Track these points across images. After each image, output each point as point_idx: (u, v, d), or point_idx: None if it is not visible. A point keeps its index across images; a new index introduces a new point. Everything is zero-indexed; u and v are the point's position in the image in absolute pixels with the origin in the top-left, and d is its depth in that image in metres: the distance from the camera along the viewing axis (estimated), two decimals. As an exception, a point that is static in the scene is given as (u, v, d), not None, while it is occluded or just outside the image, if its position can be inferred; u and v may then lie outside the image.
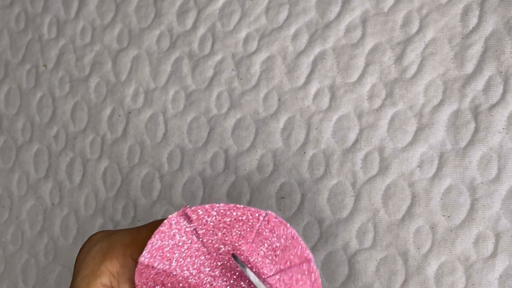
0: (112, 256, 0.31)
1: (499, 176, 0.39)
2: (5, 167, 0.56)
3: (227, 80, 0.47)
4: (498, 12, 0.40)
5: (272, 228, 0.32)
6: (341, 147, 0.43)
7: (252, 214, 0.32)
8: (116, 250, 0.31)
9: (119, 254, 0.31)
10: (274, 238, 0.32)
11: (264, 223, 0.32)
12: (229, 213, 0.32)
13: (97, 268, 0.30)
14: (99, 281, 0.30)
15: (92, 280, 0.30)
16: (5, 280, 0.54)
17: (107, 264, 0.31)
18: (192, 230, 0.32)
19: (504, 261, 0.38)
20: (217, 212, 0.32)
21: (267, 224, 0.32)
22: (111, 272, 0.30)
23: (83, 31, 0.54)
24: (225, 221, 0.32)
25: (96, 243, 0.32)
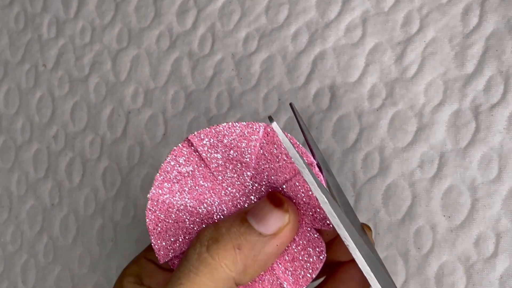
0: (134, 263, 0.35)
1: (499, 176, 0.39)
2: (5, 167, 0.56)
3: (227, 80, 0.47)
4: (499, 11, 0.40)
5: (271, 138, 0.32)
6: (341, 147, 0.43)
7: (250, 128, 0.32)
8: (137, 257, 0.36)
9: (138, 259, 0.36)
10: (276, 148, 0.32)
11: (265, 135, 0.32)
12: (229, 132, 0.32)
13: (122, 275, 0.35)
14: (126, 280, 0.34)
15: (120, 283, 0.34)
16: (4, 280, 0.54)
17: (129, 269, 0.35)
18: (197, 158, 0.33)
19: (505, 261, 0.38)
20: (218, 133, 0.32)
21: (266, 136, 0.32)
22: (134, 274, 0.35)
23: (83, 30, 0.54)
24: (228, 140, 0.32)
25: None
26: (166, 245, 0.33)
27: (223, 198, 0.33)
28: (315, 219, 0.32)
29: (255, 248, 0.30)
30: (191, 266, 0.30)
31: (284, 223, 0.30)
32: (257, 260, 0.30)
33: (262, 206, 0.31)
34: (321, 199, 0.29)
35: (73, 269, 0.51)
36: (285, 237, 0.31)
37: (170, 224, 0.33)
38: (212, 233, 0.30)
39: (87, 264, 0.51)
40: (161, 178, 0.33)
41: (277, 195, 0.31)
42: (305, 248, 0.32)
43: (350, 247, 0.29)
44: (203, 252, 0.30)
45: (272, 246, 0.30)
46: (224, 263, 0.29)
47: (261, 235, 0.30)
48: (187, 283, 0.29)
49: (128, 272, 0.35)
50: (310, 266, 0.32)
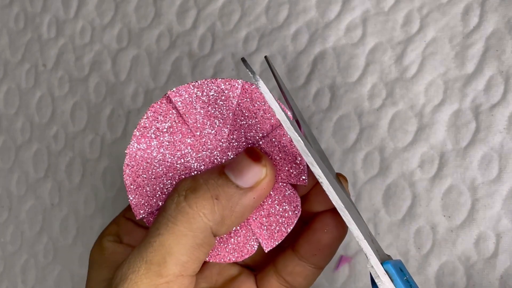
0: (113, 222, 0.36)
1: (500, 176, 0.39)
2: (4, 167, 0.56)
3: (227, 80, 0.47)
4: (499, 11, 0.40)
5: (250, 95, 0.33)
6: (342, 147, 0.43)
7: (229, 85, 0.33)
8: (116, 217, 0.36)
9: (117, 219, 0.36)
10: (253, 104, 0.33)
11: (243, 91, 0.33)
12: (208, 88, 0.33)
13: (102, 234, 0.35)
14: (105, 239, 0.34)
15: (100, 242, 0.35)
16: (4, 280, 0.54)
17: (109, 229, 0.35)
18: (175, 114, 0.33)
19: (505, 261, 0.38)
20: (196, 89, 0.33)
21: (244, 93, 0.33)
22: (113, 233, 0.35)
23: (83, 30, 0.54)
24: (207, 96, 0.33)
25: None
26: (142, 201, 0.33)
27: (201, 154, 0.33)
28: (290, 175, 0.32)
29: (233, 200, 0.30)
30: (169, 216, 0.30)
31: (261, 177, 0.31)
32: (234, 211, 0.30)
33: (240, 160, 0.31)
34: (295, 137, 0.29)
35: (73, 269, 0.51)
36: (262, 190, 0.31)
37: (148, 180, 0.33)
38: (190, 184, 0.31)
39: (87, 264, 0.51)
40: (139, 133, 0.33)
41: (255, 149, 0.32)
42: (280, 203, 0.32)
43: (324, 184, 0.29)
44: (181, 201, 0.30)
45: (249, 199, 0.31)
46: (202, 212, 0.30)
47: (238, 188, 0.30)
48: (165, 233, 0.30)
49: (107, 232, 0.35)
50: (285, 221, 0.32)
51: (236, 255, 0.33)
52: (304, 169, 0.32)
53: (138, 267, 0.29)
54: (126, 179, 0.33)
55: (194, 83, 0.33)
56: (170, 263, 0.29)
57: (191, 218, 0.30)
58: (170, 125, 0.33)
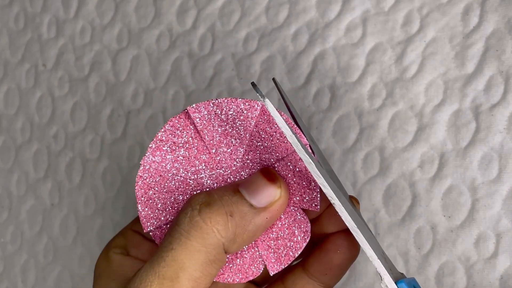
0: (119, 235, 0.35)
1: (500, 176, 0.39)
2: (4, 167, 0.56)
3: (227, 80, 0.47)
4: (499, 11, 0.40)
5: (268, 117, 0.32)
6: (342, 147, 0.43)
7: (249, 105, 0.32)
8: (122, 229, 0.36)
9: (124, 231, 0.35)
10: (271, 127, 0.33)
11: (262, 113, 0.32)
12: (227, 107, 0.33)
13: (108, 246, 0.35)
14: (112, 252, 0.34)
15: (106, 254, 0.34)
16: (4, 280, 0.54)
17: (115, 241, 0.35)
18: (192, 130, 0.33)
19: (505, 261, 0.38)
20: (216, 107, 0.32)
21: (263, 115, 0.32)
22: (120, 245, 0.35)
23: (83, 30, 0.54)
24: (226, 115, 0.33)
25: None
26: (152, 214, 0.33)
27: (215, 172, 0.33)
28: (303, 200, 0.32)
29: (246, 218, 0.30)
30: (182, 230, 0.29)
31: (276, 198, 0.31)
32: (247, 230, 0.30)
33: (255, 179, 0.31)
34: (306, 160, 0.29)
35: (73, 269, 0.51)
36: (275, 212, 0.31)
37: (159, 193, 0.33)
38: (204, 198, 0.30)
39: (87, 264, 0.51)
40: (155, 146, 0.33)
41: (271, 170, 0.32)
42: (290, 227, 0.32)
43: (336, 205, 0.29)
44: (195, 215, 0.30)
45: (262, 218, 0.31)
46: (215, 228, 0.29)
47: (252, 207, 0.30)
48: (178, 248, 0.29)
49: (113, 244, 0.35)
50: (294, 246, 0.32)
51: (241, 276, 0.32)
52: (317, 196, 0.32)
53: (151, 281, 0.29)
54: (137, 190, 0.33)
55: (214, 101, 0.32)
56: (183, 278, 0.29)
57: (204, 233, 0.29)
58: (187, 141, 0.33)
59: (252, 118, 0.32)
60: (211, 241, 0.29)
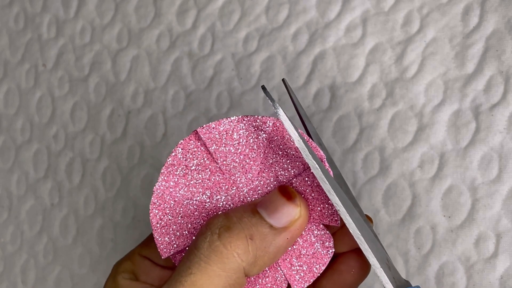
0: (123, 260, 0.34)
1: (500, 176, 0.39)
2: (4, 167, 0.56)
3: (227, 80, 0.47)
4: (499, 11, 0.40)
5: (281, 133, 0.31)
6: (342, 147, 0.43)
7: (260, 122, 0.31)
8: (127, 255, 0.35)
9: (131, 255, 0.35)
10: (285, 142, 0.31)
11: (274, 129, 0.31)
12: (238, 126, 0.32)
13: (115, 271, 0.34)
14: (121, 277, 0.33)
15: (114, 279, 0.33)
16: (4, 280, 0.54)
17: (123, 266, 0.34)
18: (204, 151, 0.32)
19: (505, 261, 0.38)
20: (225, 128, 0.32)
21: (275, 130, 0.31)
22: (128, 270, 0.34)
23: (83, 30, 0.53)
24: (237, 133, 0.32)
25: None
26: (169, 240, 0.32)
27: (230, 192, 0.32)
28: (323, 215, 0.31)
29: (266, 240, 0.30)
30: (201, 255, 0.29)
31: (296, 217, 0.30)
32: (268, 252, 0.30)
33: (273, 198, 0.30)
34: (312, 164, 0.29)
35: (73, 269, 0.51)
36: (296, 231, 0.30)
37: (175, 218, 0.32)
38: (223, 221, 0.30)
39: (87, 264, 0.51)
40: (167, 171, 0.32)
41: (289, 188, 0.31)
42: (312, 244, 0.32)
43: (341, 212, 0.29)
44: (215, 240, 0.29)
45: (282, 239, 0.30)
46: (236, 252, 0.29)
47: (272, 227, 0.30)
48: (197, 273, 0.29)
49: (121, 269, 0.34)
50: (317, 262, 0.32)
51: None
52: (337, 211, 0.31)
53: None
54: (152, 218, 0.32)
55: (224, 120, 0.32)
56: None
57: (225, 258, 0.29)
58: (199, 163, 0.32)
59: (264, 135, 0.32)
60: (231, 265, 0.29)
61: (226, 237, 0.29)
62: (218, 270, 0.29)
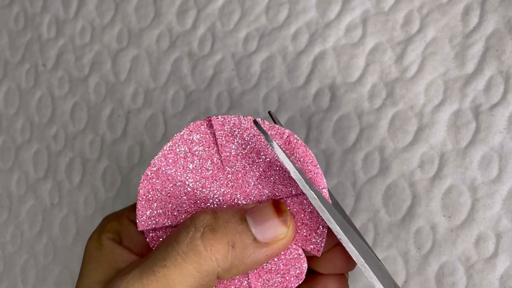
0: (112, 219, 0.34)
1: (500, 176, 0.39)
2: (4, 167, 0.56)
3: (227, 80, 0.47)
4: (499, 11, 0.40)
5: (292, 149, 0.31)
6: (341, 147, 0.43)
7: (274, 131, 0.31)
8: (114, 214, 0.35)
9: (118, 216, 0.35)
10: (293, 159, 0.31)
11: (286, 143, 0.31)
12: (252, 127, 0.31)
13: (102, 229, 0.34)
14: (105, 236, 0.33)
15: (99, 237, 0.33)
16: (4, 280, 0.54)
17: (110, 225, 0.34)
18: (211, 141, 0.32)
19: (505, 261, 0.38)
20: (241, 125, 0.31)
21: (287, 145, 0.31)
22: (114, 231, 0.34)
23: (83, 30, 0.54)
24: (248, 135, 0.31)
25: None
26: (149, 215, 0.32)
27: (224, 189, 0.32)
28: (307, 241, 0.31)
29: (247, 251, 0.29)
30: (179, 250, 0.29)
31: (281, 236, 0.30)
32: (244, 263, 0.30)
33: (264, 210, 0.30)
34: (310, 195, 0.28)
35: (73, 269, 0.51)
36: (277, 250, 0.30)
37: (162, 196, 0.32)
38: (210, 221, 0.29)
39: (87, 264, 0.51)
40: (169, 148, 0.32)
41: (283, 205, 0.31)
42: (286, 264, 0.31)
43: (343, 240, 0.29)
44: (197, 238, 0.29)
45: (262, 254, 0.30)
46: (215, 257, 0.29)
47: (255, 240, 0.30)
48: (172, 267, 0.28)
49: (107, 228, 0.34)
50: (285, 283, 0.31)
51: None
52: (322, 241, 0.31)
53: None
54: (141, 188, 0.32)
55: (241, 117, 0.31)
56: None
57: (202, 260, 0.29)
58: (203, 150, 0.32)
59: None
60: (207, 268, 0.29)
61: (208, 239, 0.29)
62: (192, 269, 0.28)
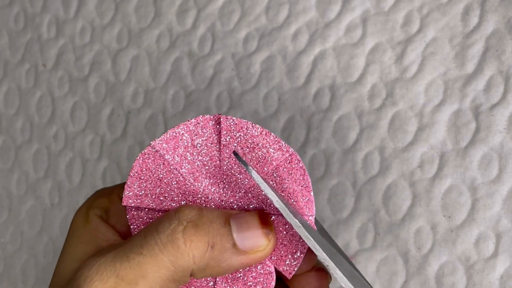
0: (103, 195, 0.34)
1: (500, 176, 0.39)
2: (4, 167, 0.56)
3: (227, 80, 0.47)
4: (499, 11, 0.40)
5: (291, 169, 0.31)
6: (342, 147, 0.43)
7: (279, 147, 0.31)
8: (106, 190, 0.34)
9: (109, 192, 0.34)
10: (288, 180, 0.31)
11: (286, 162, 0.31)
12: (260, 137, 0.31)
13: (91, 203, 0.33)
14: (93, 212, 0.33)
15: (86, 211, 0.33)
16: (4, 280, 0.54)
17: (100, 201, 0.33)
18: (215, 136, 0.32)
19: (505, 261, 0.38)
20: (248, 131, 0.31)
21: (287, 163, 0.31)
22: (102, 207, 0.33)
23: (83, 30, 0.54)
24: (253, 143, 0.31)
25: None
26: (137, 192, 0.32)
27: (214, 188, 0.32)
28: (282, 261, 0.31)
29: (224, 255, 0.29)
30: (158, 240, 0.28)
31: (260, 248, 0.30)
32: (220, 266, 0.29)
33: (249, 218, 0.30)
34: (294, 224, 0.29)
35: (73, 269, 0.51)
36: (253, 260, 0.30)
37: (154, 178, 0.32)
38: (194, 217, 0.29)
39: (87, 264, 0.51)
40: (171, 133, 0.32)
41: (268, 218, 0.31)
42: (255, 278, 0.31)
43: (330, 267, 0.29)
44: (178, 231, 0.29)
45: (238, 261, 0.30)
46: (192, 253, 0.29)
47: (234, 246, 0.29)
48: (148, 256, 0.28)
49: (96, 203, 0.33)
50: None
51: None
52: (296, 266, 0.31)
53: (107, 277, 0.28)
54: (135, 164, 0.32)
55: (250, 124, 0.31)
56: (141, 286, 0.28)
57: (179, 254, 0.28)
58: (205, 145, 0.32)
59: (275, 160, 0.31)
60: (182, 263, 0.28)
61: (190, 234, 0.29)
62: (168, 262, 0.28)
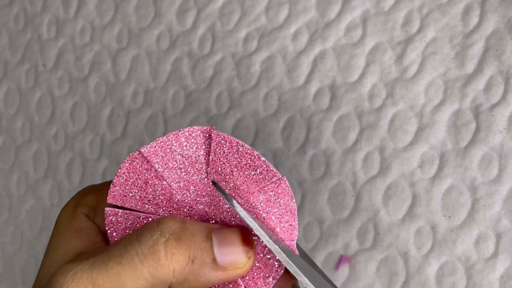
0: (91, 192, 0.34)
1: (500, 176, 0.39)
2: (4, 167, 0.56)
3: (227, 80, 0.47)
4: (499, 11, 0.40)
5: (278, 194, 0.31)
6: (342, 147, 0.43)
7: (268, 171, 0.31)
8: (96, 187, 0.34)
9: (98, 189, 0.34)
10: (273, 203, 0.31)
11: (274, 185, 0.31)
12: (249, 158, 0.31)
13: (79, 200, 0.33)
14: (80, 210, 0.32)
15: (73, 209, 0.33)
16: (4, 280, 0.54)
17: (88, 198, 0.33)
18: (205, 150, 0.32)
19: (505, 261, 0.38)
20: (238, 150, 0.31)
21: (275, 187, 0.31)
22: (90, 205, 0.33)
23: (83, 30, 0.54)
24: (241, 162, 0.31)
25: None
26: (122, 193, 0.32)
27: (199, 199, 0.32)
28: (252, 283, 0.31)
29: (203, 269, 0.29)
30: (139, 250, 0.28)
31: (239, 265, 0.30)
32: (198, 280, 0.29)
33: (231, 234, 0.30)
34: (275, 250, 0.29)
35: (73, 269, 0.51)
36: (230, 276, 0.30)
37: (141, 182, 0.32)
38: (177, 229, 0.29)
39: (87, 264, 0.51)
40: (162, 141, 0.32)
41: (250, 236, 0.31)
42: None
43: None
44: (160, 244, 0.28)
45: (216, 277, 0.30)
46: (173, 266, 0.28)
47: (214, 261, 0.29)
48: (127, 266, 0.28)
49: (84, 201, 0.33)
50: None
51: None
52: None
53: (84, 285, 0.28)
54: (122, 166, 0.32)
55: (240, 143, 0.31)
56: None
57: (159, 266, 0.28)
58: (194, 156, 0.32)
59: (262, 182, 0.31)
60: (162, 275, 0.28)
61: (171, 247, 0.28)
62: (147, 273, 0.28)
